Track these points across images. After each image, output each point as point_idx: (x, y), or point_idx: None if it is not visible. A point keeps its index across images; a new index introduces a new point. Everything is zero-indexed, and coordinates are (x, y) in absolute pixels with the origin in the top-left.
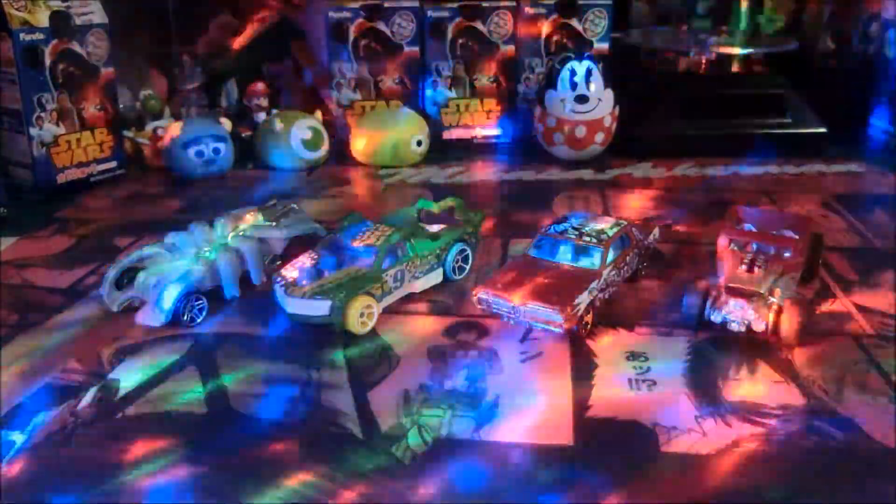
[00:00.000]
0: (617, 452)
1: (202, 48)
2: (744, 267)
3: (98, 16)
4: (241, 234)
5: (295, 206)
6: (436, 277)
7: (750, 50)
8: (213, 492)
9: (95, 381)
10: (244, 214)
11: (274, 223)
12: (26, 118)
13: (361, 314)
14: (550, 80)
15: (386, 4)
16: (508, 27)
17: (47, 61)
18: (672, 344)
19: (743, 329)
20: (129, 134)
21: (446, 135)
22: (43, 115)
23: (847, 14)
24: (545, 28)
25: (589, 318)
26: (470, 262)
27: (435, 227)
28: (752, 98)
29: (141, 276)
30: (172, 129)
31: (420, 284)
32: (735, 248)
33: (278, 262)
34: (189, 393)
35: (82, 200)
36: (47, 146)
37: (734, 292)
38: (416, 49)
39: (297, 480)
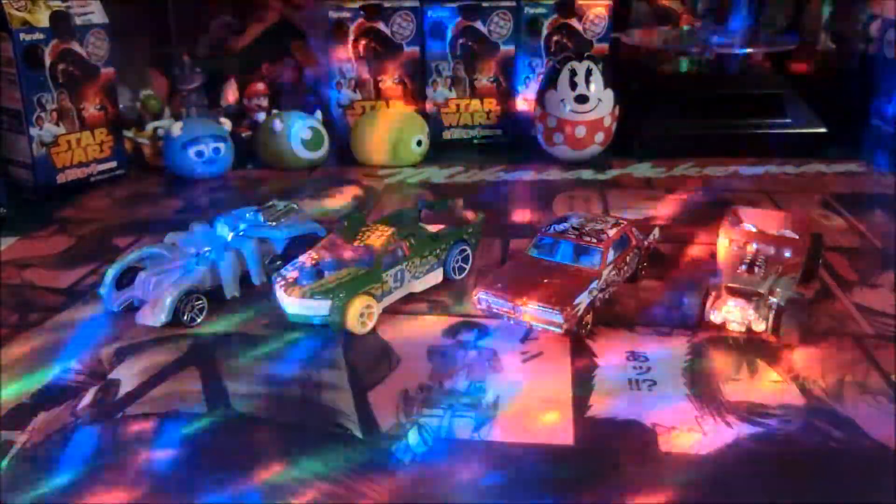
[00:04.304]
0: (617, 452)
1: (202, 48)
2: (744, 267)
3: (98, 16)
4: (241, 234)
5: (295, 206)
6: (436, 277)
7: (750, 50)
8: (212, 492)
9: (95, 381)
10: (244, 214)
11: (274, 223)
12: (26, 118)
13: (361, 314)
14: (551, 80)
15: (386, 4)
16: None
17: (47, 61)
18: (672, 344)
19: (743, 329)
20: (129, 134)
21: (446, 135)
22: (43, 115)
23: (847, 14)
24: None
25: (589, 318)
26: (470, 262)
27: (435, 227)
28: (752, 98)
29: (141, 276)
30: (173, 129)
31: (420, 284)
32: (735, 248)
33: (278, 262)
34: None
35: (82, 200)
36: (47, 146)
37: (734, 292)
38: (416, 49)
39: (297, 480)
